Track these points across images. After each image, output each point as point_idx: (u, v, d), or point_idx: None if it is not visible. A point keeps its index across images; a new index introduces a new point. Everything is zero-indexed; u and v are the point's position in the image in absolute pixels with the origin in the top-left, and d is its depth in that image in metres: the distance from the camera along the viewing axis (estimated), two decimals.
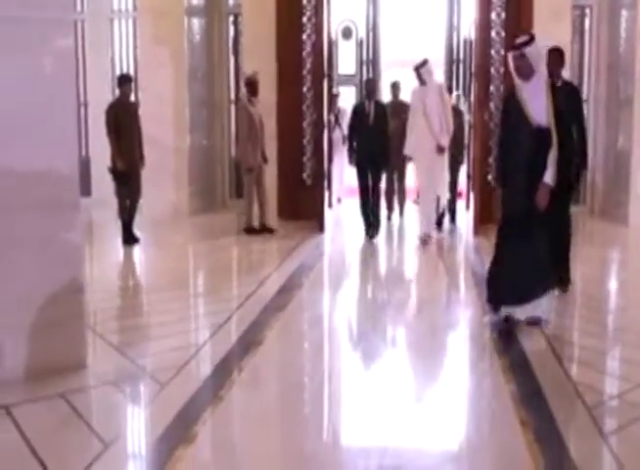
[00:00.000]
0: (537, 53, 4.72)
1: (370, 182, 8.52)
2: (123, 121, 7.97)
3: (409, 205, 10.20)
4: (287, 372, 4.33)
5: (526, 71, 4.70)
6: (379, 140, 8.29)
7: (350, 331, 5.40)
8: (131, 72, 10.67)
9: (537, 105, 4.66)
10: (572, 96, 5.96)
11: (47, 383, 3.90)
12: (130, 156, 8.02)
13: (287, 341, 4.93)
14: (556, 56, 5.89)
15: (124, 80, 8.27)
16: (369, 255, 8.01)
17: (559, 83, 5.76)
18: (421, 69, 8.00)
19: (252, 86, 8.49)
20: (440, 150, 8.11)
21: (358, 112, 8.56)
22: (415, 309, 5.97)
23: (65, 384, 3.90)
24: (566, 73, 6.49)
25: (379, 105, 8.62)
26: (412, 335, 5.22)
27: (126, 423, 3.73)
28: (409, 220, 9.67)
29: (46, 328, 4.03)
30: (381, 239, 8.53)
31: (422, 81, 8.06)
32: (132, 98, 8.36)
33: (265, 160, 8.72)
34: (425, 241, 8.14)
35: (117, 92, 8.39)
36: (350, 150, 8.69)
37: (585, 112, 6.92)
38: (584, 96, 9.43)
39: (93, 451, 3.19)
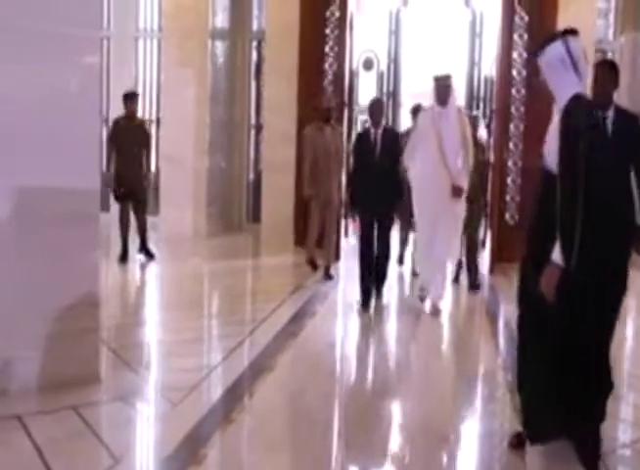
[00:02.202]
0: (546, 63, 3.32)
1: (375, 232, 6.51)
2: (126, 136, 8.06)
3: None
4: (297, 399, 4.31)
5: (548, 91, 3.36)
6: (387, 179, 6.33)
7: (362, 360, 5.38)
8: (154, 92, 10.77)
9: (550, 139, 3.28)
10: (628, 133, 3.83)
11: (60, 395, 3.91)
12: (128, 171, 8.06)
13: (298, 368, 4.92)
14: (605, 72, 3.88)
15: (130, 96, 8.36)
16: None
17: (609, 112, 3.64)
18: (446, 81, 6.33)
19: (322, 114, 7.87)
20: (457, 192, 6.27)
21: (362, 141, 6.66)
22: (425, 344, 5.95)
23: (77, 397, 3.92)
24: None
25: (388, 132, 6.64)
26: (421, 368, 5.20)
27: (137, 440, 3.73)
28: None
29: (61, 341, 4.05)
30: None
31: (441, 100, 6.30)
32: (139, 114, 8.51)
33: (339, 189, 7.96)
34: (422, 299, 6.62)
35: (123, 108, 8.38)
36: (352, 196, 6.70)
37: None
38: None
39: (104, 465, 3.21)
